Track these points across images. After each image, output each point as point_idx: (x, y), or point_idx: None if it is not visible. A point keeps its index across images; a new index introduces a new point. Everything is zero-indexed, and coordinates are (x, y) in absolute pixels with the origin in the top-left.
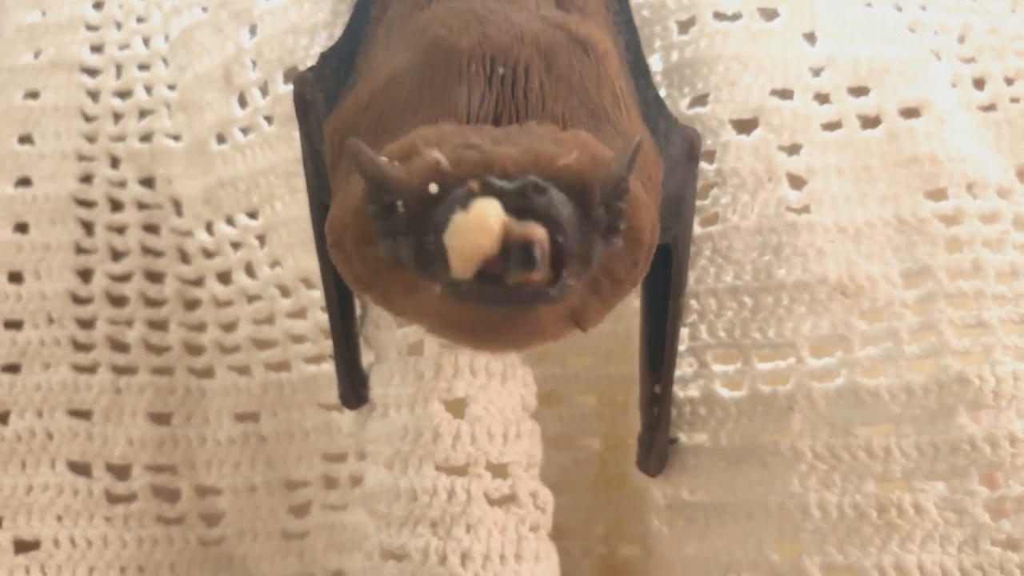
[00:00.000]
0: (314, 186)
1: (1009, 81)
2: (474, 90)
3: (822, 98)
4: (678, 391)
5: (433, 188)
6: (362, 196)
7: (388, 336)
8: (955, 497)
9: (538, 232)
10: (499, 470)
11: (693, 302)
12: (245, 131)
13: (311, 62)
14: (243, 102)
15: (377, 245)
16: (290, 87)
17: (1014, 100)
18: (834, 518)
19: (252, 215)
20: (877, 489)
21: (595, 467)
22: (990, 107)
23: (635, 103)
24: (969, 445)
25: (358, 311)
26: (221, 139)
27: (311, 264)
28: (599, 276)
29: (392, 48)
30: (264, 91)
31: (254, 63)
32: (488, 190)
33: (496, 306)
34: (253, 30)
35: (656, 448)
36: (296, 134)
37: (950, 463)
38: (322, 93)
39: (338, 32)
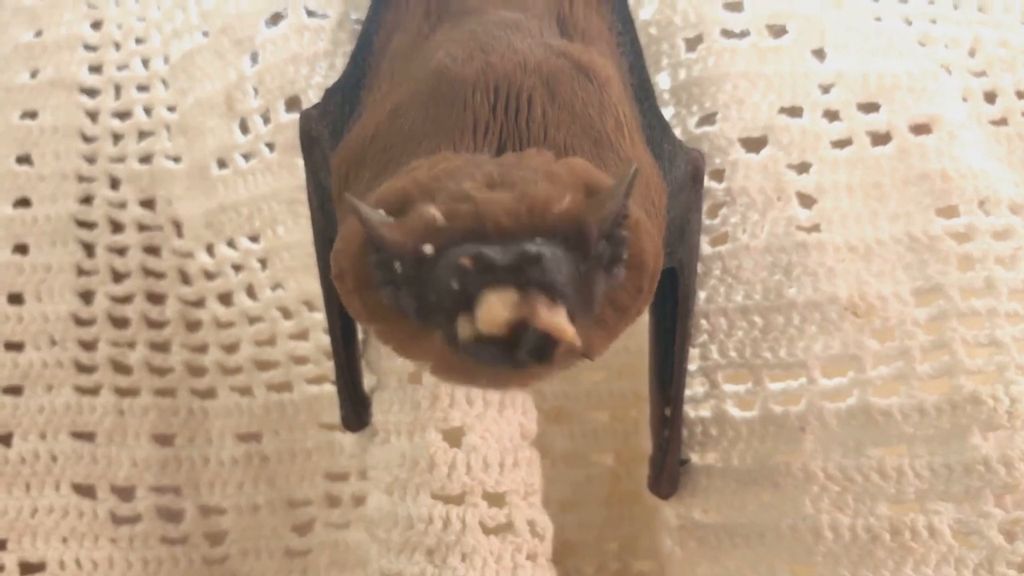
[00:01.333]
0: (319, 221)
1: (1020, 95)
2: (479, 120)
3: (831, 115)
4: (689, 411)
5: (428, 249)
6: (362, 243)
7: (389, 363)
8: (970, 519)
9: (558, 324)
10: (495, 499)
11: (703, 322)
12: (247, 157)
13: (312, 91)
14: (244, 128)
15: (379, 290)
16: (292, 116)
17: None
18: (847, 540)
19: (254, 239)
20: (890, 511)
21: (608, 483)
22: (1001, 121)
23: (638, 127)
24: (983, 466)
25: (360, 335)
26: (222, 164)
27: (313, 287)
28: (604, 306)
29: (396, 79)
30: (266, 119)
31: (256, 90)
32: (482, 267)
33: (506, 366)
34: (255, 58)
35: (667, 470)
36: (299, 162)
37: (964, 484)
38: (327, 129)
39: (339, 62)
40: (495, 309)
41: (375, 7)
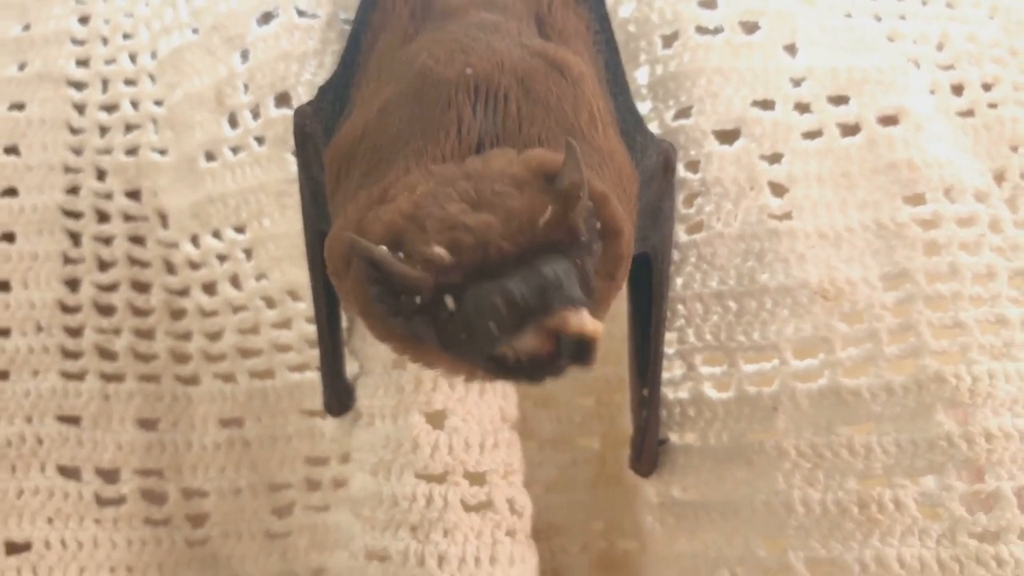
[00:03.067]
0: (311, 214)
1: (987, 87)
2: (463, 118)
3: (803, 107)
4: (668, 392)
5: (450, 303)
6: (365, 275)
7: (374, 350)
8: (933, 492)
9: (590, 327)
10: (476, 478)
11: (680, 307)
12: (235, 150)
13: (302, 88)
14: (233, 123)
15: (388, 319)
16: (282, 111)
17: (991, 106)
18: (817, 514)
19: (240, 230)
20: (858, 486)
21: (594, 466)
22: (968, 113)
23: (612, 120)
24: (946, 442)
25: (344, 324)
26: (210, 157)
27: (297, 277)
28: (596, 279)
29: (383, 78)
30: (255, 114)
31: (246, 87)
32: (512, 305)
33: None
34: (245, 55)
35: (646, 449)
36: (288, 156)
37: (928, 460)
38: (321, 125)
39: (328, 60)
40: (534, 341)
41: (363, 8)
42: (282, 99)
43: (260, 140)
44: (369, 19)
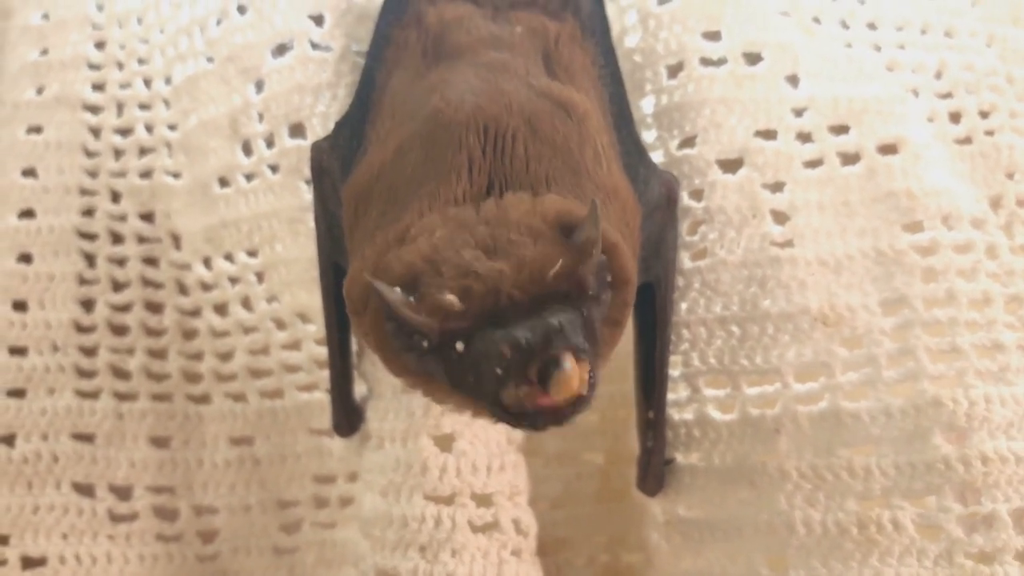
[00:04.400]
0: (326, 245)
1: (984, 115)
2: (473, 159)
3: (804, 137)
4: (674, 414)
5: (460, 347)
6: (382, 313)
7: (384, 374)
8: (931, 514)
9: (577, 384)
10: (483, 499)
11: (685, 331)
12: (249, 177)
13: (316, 119)
14: (247, 151)
15: (401, 354)
16: (296, 141)
17: (988, 133)
18: (818, 534)
19: (252, 253)
20: (858, 507)
21: (598, 481)
22: (966, 140)
23: (615, 155)
24: (944, 465)
25: (354, 347)
26: (224, 183)
27: (308, 300)
28: (602, 326)
29: (397, 117)
30: (270, 143)
31: (261, 116)
32: (518, 352)
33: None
34: (260, 86)
35: (653, 470)
36: (302, 184)
37: (926, 482)
38: (338, 161)
39: (341, 92)
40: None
41: (377, 45)
42: (296, 129)
43: (274, 168)
44: (383, 56)
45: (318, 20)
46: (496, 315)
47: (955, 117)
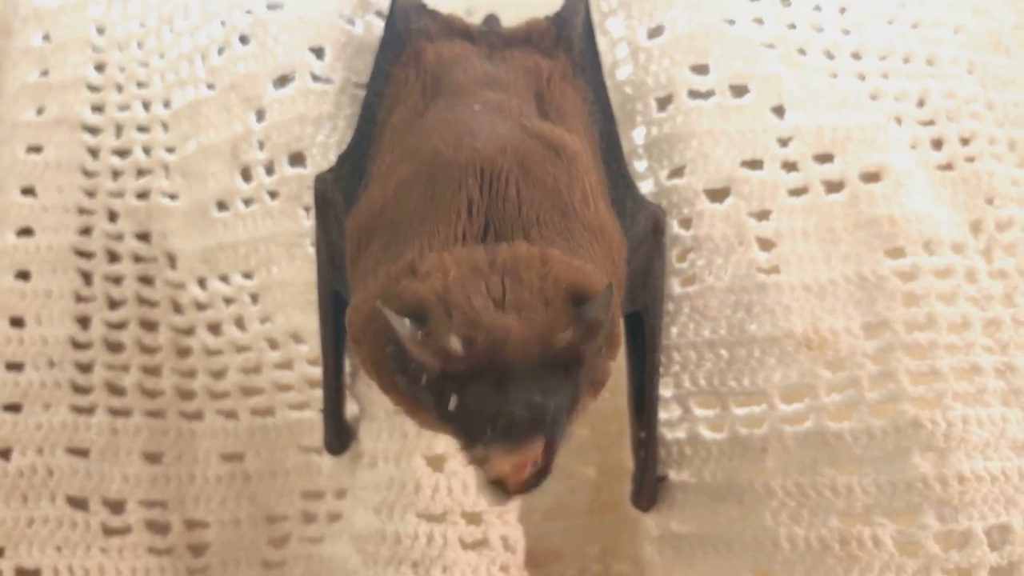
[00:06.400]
0: (327, 273)
1: (964, 141)
2: (472, 200)
3: (789, 166)
4: (666, 432)
5: (453, 404)
6: (385, 335)
7: (377, 395)
8: (910, 531)
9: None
10: (473, 518)
11: (676, 354)
12: (247, 202)
13: (316, 149)
14: (247, 177)
15: (395, 374)
16: (296, 170)
17: (968, 159)
18: (802, 550)
19: (247, 275)
20: (840, 523)
21: (590, 493)
22: (947, 166)
23: (604, 193)
24: (922, 484)
25: (348, 368)
26: (223, 207)
27: (302, 321)
28: (588, 386)
29: (397, 153)
30: (269, 170)
31: (261, 144)
32: (506, 422)
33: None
34: (260, 115)
35: (646, 487)
36: (300, 211)
37: (906, 500)
38: (340, 193)
39: (341, 123)
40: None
41: (377, 80)
42: (296, 158)
43: (273, 195)
44: (383, 91)
45: (319, 53)
46: (492, 369)
47: (937, 144)
